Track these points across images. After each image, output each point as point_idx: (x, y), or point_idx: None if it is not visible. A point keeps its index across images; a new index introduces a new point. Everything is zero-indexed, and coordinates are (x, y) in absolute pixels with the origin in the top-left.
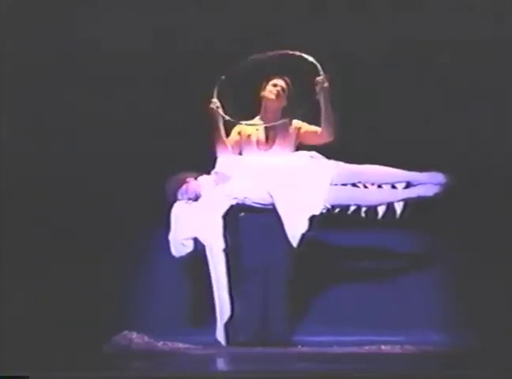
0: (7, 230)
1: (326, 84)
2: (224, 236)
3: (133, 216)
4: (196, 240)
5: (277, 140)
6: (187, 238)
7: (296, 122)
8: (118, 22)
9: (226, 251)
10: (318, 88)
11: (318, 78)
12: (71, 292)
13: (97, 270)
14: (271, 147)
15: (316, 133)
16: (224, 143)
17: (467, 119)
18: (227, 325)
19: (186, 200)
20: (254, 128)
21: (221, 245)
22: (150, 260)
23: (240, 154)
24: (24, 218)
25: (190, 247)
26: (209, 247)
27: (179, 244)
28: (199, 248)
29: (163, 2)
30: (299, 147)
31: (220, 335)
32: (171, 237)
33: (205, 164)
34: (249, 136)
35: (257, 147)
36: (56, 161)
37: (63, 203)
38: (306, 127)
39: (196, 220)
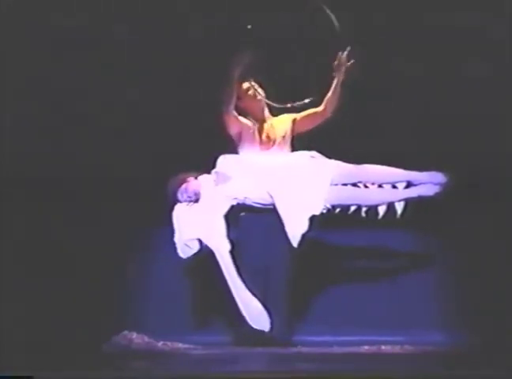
0: (7, 230)
1: (349, 63)
2: (228, 237)
3: (133, 216)
4: (200, 240)
5: (278, 138)
6: (191, 239)
7: (289, 116)
8: (117, 22)
9: (232, 252)
10: (339, 66)
11: (343, 56)
12: (71, 292)
13: (97, 270)
14: (272, 146)
15: (316, 113)
16: (234, 118)
17: (468, 119)
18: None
19: (186, 202)
20: (256, 126)
21: (227, 246)
22: (150, 260)
23: (238, 148)
24: (24, 217)
25: (195, 248)
26: (216, 250)
27: (184, 245)
28: (204, 248)
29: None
30: (297, 139)
31: (258, 323)
32: (176, 239)
33: (205, 164)
34: (252, 133)
35: (260, 146)
36: (56, 161)
37: (64, 203)
38: (300, 114)
39: (198, 222)
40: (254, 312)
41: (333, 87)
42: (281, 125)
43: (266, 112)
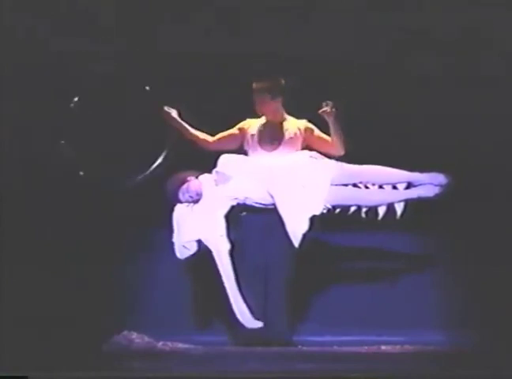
0: (7, 230)
1: (334, 110)
2: (228, 237)
3: (133, 216)
4: (198, 242)
5: (284, 141)
6: (190, 241)
7: (306, 123)
8: (114, 22)
9: (231, 252)
10: (326, 114)
11: (326, 107)
12: (71, 292)
13: (97, 270)
14: (277, 147)
15: (327, 142)
16: (197, 137)
17: (468, 120)
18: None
19: (187, 203)
20: (259, 127)
21: (226, 246)
22: (150, 260)
23: (245, 153)
24: (24, 217)
25: (193, 249)
26: (215, 250)
27: (182, 246)
28: (202, 249)
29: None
30: (306, 149)
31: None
32: (174, 239)
33: (206, 163)
34: (252, 135)
35: (261, 146)
36: (56, 161)
37: (63, 203)
38: (318, 132)
39: (198, 222)
40: (244, 312)
41: (331, 129)
42: (292, 127)
43: (282, 113)
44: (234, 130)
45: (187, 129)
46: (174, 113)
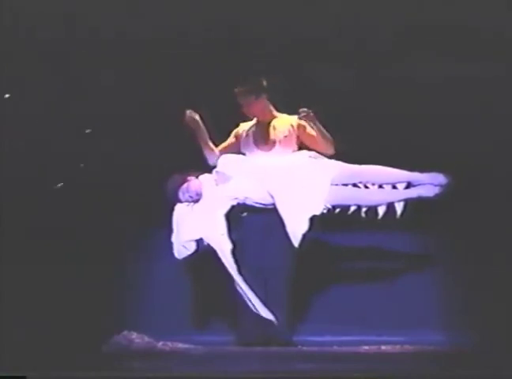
0: (7, 230)
1: (312, 114)
2: (229, 236)
3: (133, 216)
4: (198, 241)
5: (278, 140)
6: (189, 240)
7: (299, 120)
8: (115, 22)
9: (233, 251)
10: (305, 118)
11: (303, 113)
12: (71, 292)
13: (97, 270)
14: (272, 147)
15: (316, 141)
16: (210, 148)
17: (468, 121)
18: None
19: (187, 202)
20: (252, 128)
21: (228, 245)
22: (150, 260)
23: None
24: (23, 217)
25: (191, 249)
26: (219, 248)
27: (181, 246)
28: (200, 249)
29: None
30: (301, 147)
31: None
32: (173, 239)
33: (206, 164)
34: (247, 138)
35: (258, 147)
36: (57, 161)
37: (63, 203)
38: (310, 129)
39: (198, 222)
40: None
41: (315, 131)
42: (285, 124)
43: (270, 111)
44: (231, 139)
45: (205, 136)
46: (197, 116)
